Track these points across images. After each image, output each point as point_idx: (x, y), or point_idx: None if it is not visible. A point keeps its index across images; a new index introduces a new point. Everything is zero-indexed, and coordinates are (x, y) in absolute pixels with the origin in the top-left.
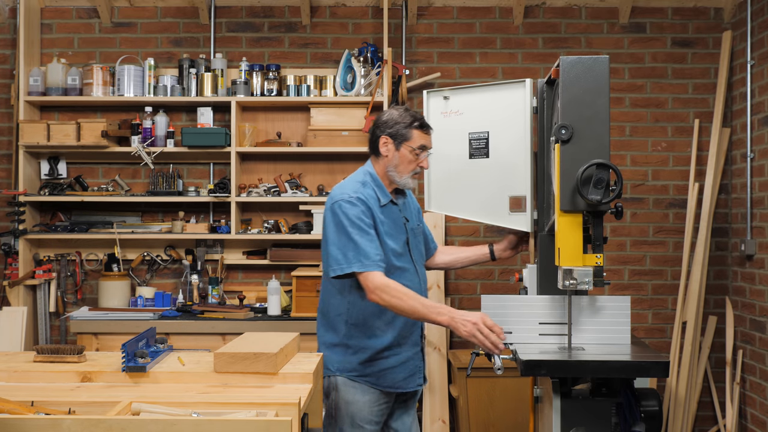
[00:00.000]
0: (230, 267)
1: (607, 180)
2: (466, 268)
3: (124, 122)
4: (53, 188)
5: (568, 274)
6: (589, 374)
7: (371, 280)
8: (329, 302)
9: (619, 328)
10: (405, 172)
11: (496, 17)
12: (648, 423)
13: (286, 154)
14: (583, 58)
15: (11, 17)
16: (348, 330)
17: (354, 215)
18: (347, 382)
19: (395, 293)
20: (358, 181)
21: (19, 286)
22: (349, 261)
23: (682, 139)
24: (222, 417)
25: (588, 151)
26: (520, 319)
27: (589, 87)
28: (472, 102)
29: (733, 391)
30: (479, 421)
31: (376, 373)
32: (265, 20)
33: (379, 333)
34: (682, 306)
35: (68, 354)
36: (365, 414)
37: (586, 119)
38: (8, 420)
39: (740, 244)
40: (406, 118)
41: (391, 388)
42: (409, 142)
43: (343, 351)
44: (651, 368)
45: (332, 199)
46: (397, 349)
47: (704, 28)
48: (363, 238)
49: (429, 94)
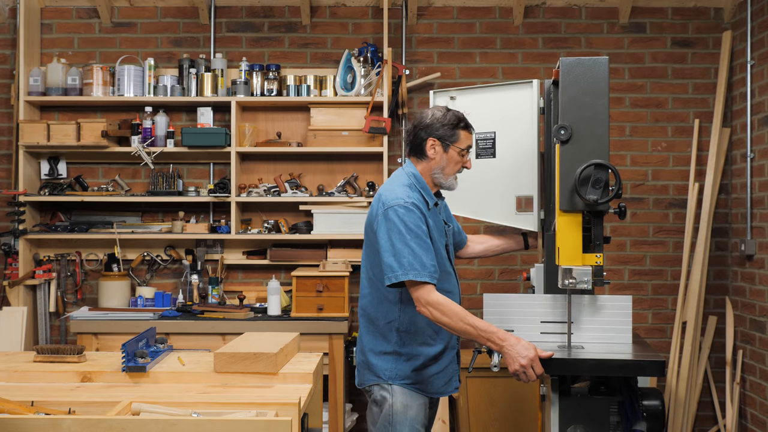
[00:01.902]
0: (230, 267)
1: (606, 180)
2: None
3: (124, 122)
4: (53, 188)
5: (568, 274)
6: (585, 372)
7: (425, 294)
8: (378, 309)
9: (621, 327)
10: (451, 173)
11: (496, 17)
12: (650, 422)
13: (286, 154)
14: (583, 59)
15: (11, 17)
16: (400, 338)
17: (412, 222)
18: (402, 390)
19: (449, 312)
20: (405, 184)
21: (19, 286)
22: (404, 268)
23: (682, 139)
24: (222, 417)
25: (587, 151)
26: (522, 318)
27: (589, 88)
28: (479, 102)
29: (733, 391)
30: (479, 421)
31: (426, 380)
32: (265, 20)
33: (430, 341)
34: (682, 306)
35: (68, 354)
36: (422, 418)
37: (585, 120)
38: (8, 420)
39: (740, 244)
40: (452, 119)
41: (435, 393)
42: (457, 143)
43: (395, 359)
44: (647, 367)
45: (385, 204)
46: (442, 356)
47: (704, 28)
48: (420, 246)
49: (435, 94)
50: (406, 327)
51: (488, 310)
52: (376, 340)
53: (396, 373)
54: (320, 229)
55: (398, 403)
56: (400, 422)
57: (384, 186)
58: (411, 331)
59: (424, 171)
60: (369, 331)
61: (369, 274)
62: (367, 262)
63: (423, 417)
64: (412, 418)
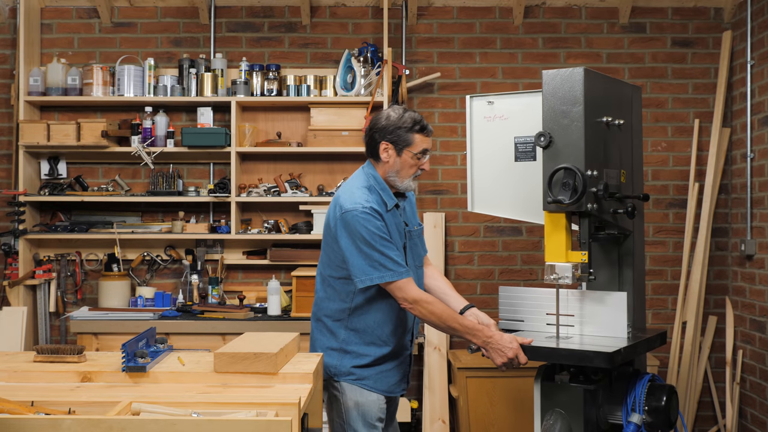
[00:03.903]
0: (230, 267)
1: (573, 182)
2: (481, 259)
3: (124, 122)
4: (53, 188)
5: (551, 269)
6: (543, 359)
7: (409, 291)
8: (329, 306)
9: (616, 321)
10: (406, 176)
11: (496, 17)
12: (651, 416)
13: (286, 154)
14: (561, 70)
15: (11, 17)
16: (348, 335)
17: (374, 227)
18: (351, 386)
19: (436, 311)
20: (364, 186)
21: (19, 286)
22: (379, 271)
23: (682, 139)
24: (222, 417)
25: (565, 156)
26: (531, 310)
27: (566, 97)
28: (518, 107)
29: (733, 391)
30: (479, 421)
31: (373, 377)
32: (265, 20)
33: (379, 342)
34: (682, 306)
35: (68, 354)
36: (375, 412)
37: (563, 127)
38: (8, 420)
39: (740, 244)
40: (407, 122)
41: (385, 392)
42: (410, 147)
43: (341, 355)
44: (594, 358)
45: (342, 208)
46: (392, 356)
47: (704, 28)
48: (386, 247)
49: (472, 98)
50: (355, 326)
51: (502, 301)
52: (324, 336)
53: (341, 369)
54: (320, 229)
55: (349, 400)
56: (353, 418)
57: (343, 187)
58: (360, 330)
59: (381, 173)
60: (317, 327)
61: (323, 272)
62: (323, 261)
63: (377, 411)
64: (365, 413)
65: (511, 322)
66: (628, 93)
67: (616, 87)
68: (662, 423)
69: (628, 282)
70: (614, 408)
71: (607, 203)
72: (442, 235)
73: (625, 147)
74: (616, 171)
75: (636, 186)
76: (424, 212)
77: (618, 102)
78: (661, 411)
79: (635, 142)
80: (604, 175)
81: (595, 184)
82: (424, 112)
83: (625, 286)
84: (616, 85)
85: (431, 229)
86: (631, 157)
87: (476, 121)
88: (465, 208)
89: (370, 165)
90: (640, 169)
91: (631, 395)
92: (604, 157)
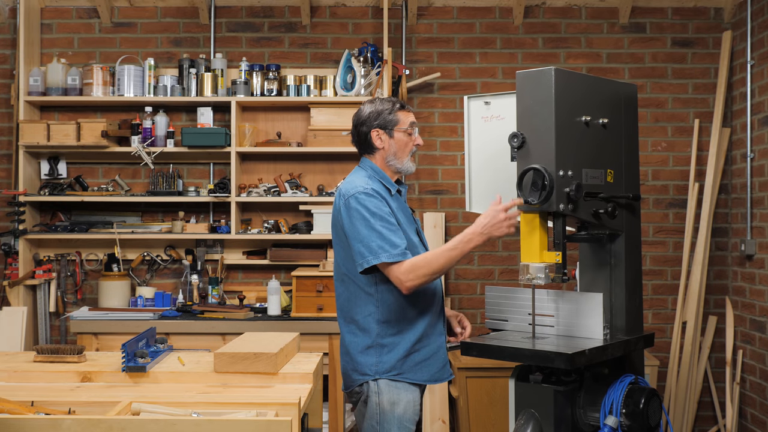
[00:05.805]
0: (230, 267)
1: (542, 182)
2: (481, 259)
3: (124, 122)
4: (53, 188)
5: (525, 269)
6: (508, 360)
7: (399, 270)
8: (355, 304)
9: (593, 322)
10: (404, 155)
11: (496, 17)
12: (629, 419)
13: (286, 154)
14: (533, 71)
15: (11, 17)
16: (380, 329)
17: (373, 206)
18: (389, 383)
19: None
20: (364, 176)
21: (19, 286)
22: (374, 252)
23: (682, 139)
24: (222, 417)
25: (536, 156)
26: (515, 310)
27: (538, 98)
28: (515, 106)
29: (733, 391)
30: (479, 421)
31: (413, 368)
32: (265, 20)
33: (411, 327)
34: (682, 306)
35: (68, 354)
36: (411, 414)
37: (534, 128)
38: (8, 420)
39: (740, 244)
40: (386, 106)
41: (429, 381)
42: (399, 125)
43: (378, 351)
44: (555, 358)
45: (345, 195)
46: (426, 340)
47: (704, 28)
48: (386, 228)
49: (470, 99)
50: (385, 317)
51: (489, 301)
52: (357, 337)
53: (381, 366)
54: (320, 229)
55: (385, 401)
56: (387, 421)
57: (343, 182)
58: (390, 320)
59: (379, 162)
60: (349, 330)
61: (341, 271)
62: (338, 260)
63: (412, 413)
64: (400, 416)
65: (496, 321)
66: (618, 92)
67: (600, 86)
68: (640, 426)
69: (619, 282)
70: (594, 410)
71: (588, 203)
72: (442, 235)
73: (613, 146)
74: (600, 171)
75: (629, 186)
76: (424, 212)
77: (602, 101)
78: (638, 414)
79: (628, 141)
80: (583, 175)
81: (568, 184)
82: (424, 112)
83: (616, 286)
84: (600, 83)
85: (431, 229)
86: (622, 157)
87: (474, 122)
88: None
89: (366, 160)
90: (635, 168)
91: (610, 397)
92: (581, 157)
